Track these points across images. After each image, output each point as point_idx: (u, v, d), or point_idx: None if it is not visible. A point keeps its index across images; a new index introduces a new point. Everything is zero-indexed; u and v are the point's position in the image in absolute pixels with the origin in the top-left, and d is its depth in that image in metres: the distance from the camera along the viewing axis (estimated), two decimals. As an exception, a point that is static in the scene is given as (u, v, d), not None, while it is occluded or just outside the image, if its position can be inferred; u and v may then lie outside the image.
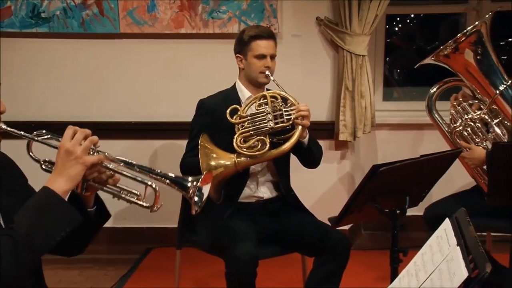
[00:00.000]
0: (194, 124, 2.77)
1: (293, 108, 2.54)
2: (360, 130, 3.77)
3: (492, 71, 2.87)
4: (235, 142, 2.51)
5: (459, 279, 1.26)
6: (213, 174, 2.48)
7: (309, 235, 2.62)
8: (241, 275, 2.41)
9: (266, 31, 2.69)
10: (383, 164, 2.19)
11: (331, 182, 3.95)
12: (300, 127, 2.54)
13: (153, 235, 3.91)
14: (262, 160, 2.57)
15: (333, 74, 3.85)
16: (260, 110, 2.56)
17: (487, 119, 2.89)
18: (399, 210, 2.29)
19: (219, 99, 2.76)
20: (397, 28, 4.83)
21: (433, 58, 2.93)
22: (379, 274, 3.39)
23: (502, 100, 2.85)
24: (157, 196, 1.66)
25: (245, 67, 2.71)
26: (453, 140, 2.96)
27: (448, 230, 1.51)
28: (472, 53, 2.86)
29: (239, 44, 2.73)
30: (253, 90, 2.74)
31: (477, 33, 2.85)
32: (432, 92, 3.05)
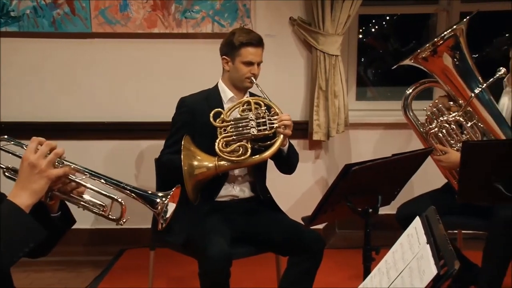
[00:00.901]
0: (175, 121, 2.76)
1: (276, 117, 2.57)
2: (333, 130, 3.79)
3: (468, 74, 2.91)
4: (217, 145, 2.52)
5: (428, 276, 1.27)
6: (194, 174, 2.50)
7: (283, 234, 2.63)
8: (214, 274, 2.40)
9: (256, 38, 2.70)
10: (356, 163, 2.20)
11: (305, 182, 3.96)
12: (282, 136, 2.57)
13: (127, 236, 3.88)
14: (243, 165, 2.60)
15: (307, 74, 3.86)
16: (243, 115, 2.58)
17: (462, 121, 2.92)
18: (371, 209, 2.31)
19: (200, 98, 2.76)
20: (373, 29, 4.87)
21: (412, 60, 2.96)
22: (353, 272, 3.42)
23: (477, 103, 2.89)
24: (124, 210, 1.64)
25: (231, 70, 2.72)
26: (428, 141, 2.99)
27: (419, 229, 1.53)
28: (449, 56, 2.90)
29: (227, 47, 2.72)
30: (235, 92, 2.76)
31: (455, 37, 2.88)
32: (408, 93, 3.08)
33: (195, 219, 2.63)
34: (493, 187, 2.33)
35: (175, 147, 2.60)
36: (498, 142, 2.70)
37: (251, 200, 2.78)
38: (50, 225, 1.64)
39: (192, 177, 2.49)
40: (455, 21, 3.91)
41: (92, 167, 1.71)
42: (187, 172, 2.47)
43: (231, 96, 2.74)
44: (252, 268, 3.24)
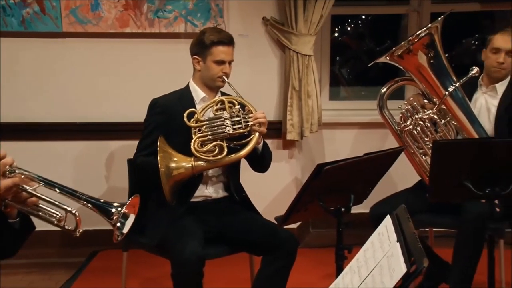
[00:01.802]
0: (147, 123, 2.74)
1: (251, 115, 2.56)
2: (307, 130, 3.81)
3: (442, 73, 2.96)
4: (193, 145, 2.52)
5: (398, 274, 1.29)
6: (172, 175, 2.49)
7: (256, 234, 2.63)
8: (187, 275, 2.40)
9: (227, 37, 2.69)
10: (328, 162, 2.22)
11: (279, 181, 3.97)
12: (257, 133, 2.57)
13: (99, 238, 3.83)
14: (219, 165, 2.59)
15: (280, 74, 3.88)
16: (218, 115, 2.57)
17: (436, 119, 2.96)
18: (344, 208, 2.33)
19: (172, 98, 2.75)
20: (348, 28, 4.91)
21: (388, 58, 2.99)
22: (327, 271, 3.43)
23: (450, 101, 2.93)
24: (78, 221, 1.61)
25: (202, 70, 2.71)
26: (403, 139, 3.02)
27: (389, 227, 1.54)
28: (424, 55, 2.94)
29: (198, 46, 2.71)
30: (207, 91, 2.75)
31: (429, 35, 2.92)
32: (383, 91, 3.11)
33: (169, 220, 2.61)
34: (463, 185, 2.36)
35: (149, 149, 2.58)
36: (467, 142, 2.74)
37: (225, 200, 2.77)
38: (9, 230, 1.61)
39: (169, 178, 2.48)
40: (426, 22, 3.97)
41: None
42: (164, 173, 2.46)
43: (203, 96, 2.73)
44: (226, 268, 3.23)
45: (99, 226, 3.83)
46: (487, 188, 2.35)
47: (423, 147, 2.96)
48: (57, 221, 1.63)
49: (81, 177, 3.79)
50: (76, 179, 3.77)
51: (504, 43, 2.98)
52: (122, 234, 1.63)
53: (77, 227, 1.61)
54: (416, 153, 2.98)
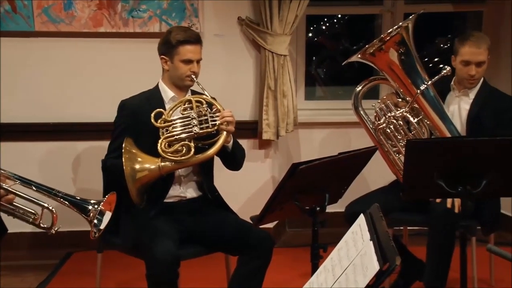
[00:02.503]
0: (117, 125, 2.72)
1: (218, 114, 2.56)
2: (283, 129, 3.82)
3: (414, 71, 2.98)
4: (160, 146, 2.50)
5: (371, 272, 1.30)
6: (137, 177, 2.47)
7: (232, 234, 2.63)
8: (162, 276, 2.39)
9: (194, 36, 2.68)
10: (302, 162, 2.23)
11: (255, 181, 3.97)
12: (225, 132, 2.56)
13: (73, 239, 3.80)
14: (187, 165, 2.58)
15: (256, 74, 3.88)
16: (185, 114, 2.56)
17: (409, 117, 2.99)
18: (319, 208, 2.34)
19: (141, 99, 2.73)
20: (323, 28, 4.94)
21: (360, 56, 3.01)
22: (302, 270, 3.45)
23: (422, 99, 2.96)
24: (55, 218, 1.60)
25: (170, 70, 2.70)
26: (377, 137, 3.05)
27: (363, 226, 1.56)
28: (396, 53, 2.96)
29: (165, 46, 2.69)
30: (177, 91, 2.73)
31: (401, 34, 2.95)
32: (358, 90, 3.13)
33: (143, 221, 2.60)
34: (436, 183, 2.39)
35: (118, 151, 2.56)
36: (440, 140, 2.77)
37: (199, 200, 2.77)
38: None
39: (135, 180, 2.46)
40: (399, 22, 3.97)
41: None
42: (129, 175, 2.44)
43: (172, 96, 2.72)
44: (202, 268, 3.23)
45: (73, 227, 3.81)
46: (459, 187, 2.38)
47: (397, 145, 2.99)
48: (33, 219, 1.61)
49: (48, 179, 3.71)
50: (43, 181, 3.72)
51: (473, 56, 2.97)
52: (99, 230, 1.63)
53: (53, 224, 1.60)
54: (390, 151, 3.01)
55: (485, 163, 2.36)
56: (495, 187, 2.42)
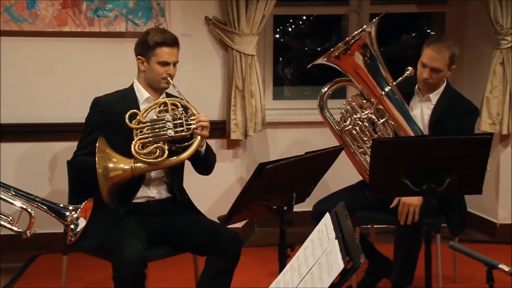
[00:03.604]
0: (89, 122, 2.69)
1: (194, 118, 2.55)
2: (251, 129, 3.82)
3: (378, 73, 3.01)
4: (133, 147, 2.49)
5: (336, 271, 1.31)
6: (109, 176, 2.46)
7: (199, 234, 2.63)
8: (129, 277, 2.37)
9: (171, 38, 2.67)
10: (269, 162, 2.23)
11: (223, 181, 3.96)
12: (199, 137, 2.55)
13: (39, 242, 3.73)
14: (160, 167, 2.57)
15: (224, 74, 3.87)
16: (160, 117, 2.55)
17: (374, 119, 3.02)
18: (286, 207, 2.35)
19: (116, 98, 2.71)
20: (291, 28, 4.96)
21: (325, 59, 3.03)
22: (271, 270, 3.45)
23: (387, 101, 3.00)
24: (32, 221, 1.59)
25: (146, 71, 2.68)
26: (343, 138, 3.07)
27: (328, 224, 1.57)
28: (361, 55, 2.99)
29: (142, 47, 2.68)
30: (152, 92, 2.72)
31: (365, 36, 2.97)
32: (324, 92, 3.15)
33: (110, 222, 2.57)
34: (401, 182, 2.43)
35: (89, 148, 2.53)
36: (405, 140, 2.81)
37: (168, 201, 2.75)
38: None
39: (107, 179, 2.45)
40: (365, 22, 4.05)
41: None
42: (102, 174, 2.42)
43: (147, 97, 2.70)
44: (170, 269, 3.22)
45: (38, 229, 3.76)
46: (424, 185, 2.42)
47: (363, 147, 3.02)
48: (9, 223, 1.59)
49: (23, 180, 3.67)
50: (18, 182, 3.64)
51: (430, 61, 2.96)
52: (75, 235, 1.62)
53: (29, 227, 1.58)
54: (356, 152, 3.04)
55: (449, 161, 2.41)
56: (459, 185, 2.47)
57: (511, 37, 3.64)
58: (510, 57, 3.67)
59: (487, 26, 3.75)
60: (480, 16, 3.87)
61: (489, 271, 1.82)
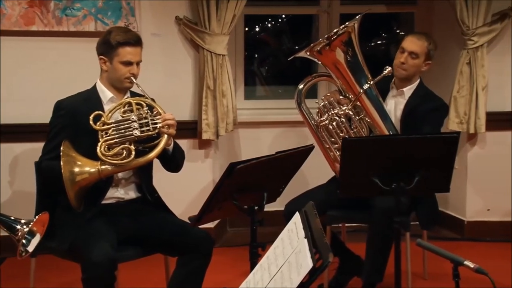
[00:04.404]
0: (53, 125, 2.66)
1: (159, 117, 2.53)
2: (222, 129, 3.81)
3: (358, 70, 3.04)
4: (99, 149, 2.46)
5: (304, 270, 1.32)
6: (76, 181, 2.43)
7: (170, 234, 2.61)
8: (98, 279, 2.35)
9: (134, 38, 2.64)
10: (240, 161, 2.24)
11: (195, 181, 3.95)
12: (166, 136, 2.53)
13: (6, 244, 3.67)
14: (127, 168, 2.54)
15: (195, 73, 3.86)
16: (125, 117, 2.52)
17: (351, 115, 3.05)
18: (257, 206, 2.36)
19: (79, 100, 2.67)
20: (266, 27, 4.97)
21: (307, 53, 3.05)
22: (243, 269, 3.44)
23: (365, 98, 3.02)
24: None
25: (109, 71, 2.65)
26: (319, 134, 3.09)
27: (298, 224, 1.58)
28: (342, 52, 3.01)
29: (104, 46, 2.64)
30: (115, 92, 2.69)
31: (347, 34, 3.00)
32: (301, 87, 3.16)
33: (79, 223, 2.55)
34: (371, 181, 2.45)
35: (54, 153, 2.50)
36: (374, 139, 2.84)
37: (138, 201, 2.73)
38: None
39: (74, 184, 2.42)
40: (335, 22, 4.09)
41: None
42: (68, 179, 2.39)
43: (110, 97, 2.67)
44: (140, 270, 3.19)
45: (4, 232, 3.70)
46: (393, 184, 2.45)
47: (338, 142, 3.04)
48: None
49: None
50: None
51: (409, 44, 3.09)
52: (27, 251, 1.58)
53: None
54: (331, 147, 3.06)
55: (418, 160, 2.45)
56: (428, 183, 2.51)
57: (477, 37, 3.71)
58: (477, 57, 3.74)
59: (454, 27, 3.82)
60: (447, 16, 3.93)
61: (455, 268, 1.85)
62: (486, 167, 3.95)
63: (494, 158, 3.95)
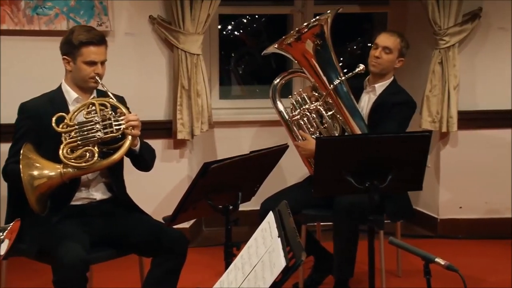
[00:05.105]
0: (18, 127, 2.61)
1: (123, 118, 2.50)
2: (197, 129, 3.80)
3: (329, 66, 3.06)
4: (62, 152, 2.41)
5: (278, 269, 1.32)
6: (35, 185, 2.37)
7: (145, 235, 2.59)
8: (69, 281, 2.32)
9: (97, 37, 2.59)
10: (214, 161, 2.24)
11: (170, 181, 3.94)
12: (130, 137, 2.50)
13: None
14: (91, 170, 2.50)
15: (169, 73, 3.84)
16: (88, 118, 2.48)
17: (322, 111, 3.07)
18: (232, 206, 2.36)
19: (43, 101, 2.63)
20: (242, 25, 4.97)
21: (276, 46, 3.06)
22: (218, 269, 3.44)
23: (335, 95, 3.04)
24: None
25: (73, 71, 2.61)
26: (292, 129, 3.10)
27: (272, 223, 1.58)
28: (313, 45, 3.02)
29: (67, 46, 2.60)
30: (80, 92, 2.65)
31: (319, 27, 3.01)
32: (276, 83, 3.18)
33: (50, 225, 2.51)
34: (345, 179, 2.47)
35: (19, 155, 2.45)
36: (347, 138, 2.87)
37: (110, 202, 2.70)
38: None
39: (34, 188, 2.36)
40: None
41: None
42: (27, 183, 2.34)
43: (75, 97, 2.63)
44: (115, 271, 3.17)
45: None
46: (366, 182, 2.47)
47: (310, 138, 3.06)
48: None
49: None
50: None
51: (383, 40, 3.15)
52: None
53: None
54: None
55: (391, 158, 2.47)
56: (401, 181, 2.54)
57: (448, 37, 3.76)
58: (448, 57, 3.79)
59: (426, 27, 3.86)
60: (419, 17, 3.97)
61: (426, 265, 1.88)
62: (458, 165, 4.01)
63: (466, 157, 4.01)
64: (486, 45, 3.95)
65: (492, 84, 3.99)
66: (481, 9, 3.82)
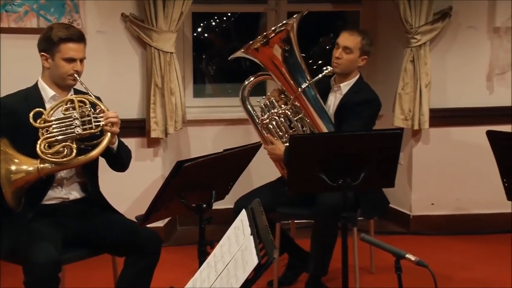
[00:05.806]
0: None
1: (102, 115, 2.49)
2: (171, 127, 3.79)
3: (296, 69, 3.06)
4: (39, 147, 2.39)
5: (250, 266, 1.32)
6: (12, 180, 2.36)
7: (117, 235, 2.58)
8: (41, 282, 2.30)
9: (77, 34, 2.58)
10: (188, 159, 2.23)
11: (143, 180, 3.91)
12: (109, 134, 2.49)
13: None
14: (69, 166, 2.49)
15: (142, 71, 3.81)
16: (67, 114, 2.46)
17: (290, 115, 3.07)
18: (205, 205, 2.36)
19: (19, 98, 2.60)
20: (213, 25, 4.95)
21: (243, 51, 3.05)
22: (192, 268, 3.42)
23: (303, 98, 3.05)
24: None
25: (51, 68, 2.58)
26: (261, 132, 3.11)
27: (244, 221, 1.58)
28: (280, 49, 3.03)
29: (45, 43, 2.57)
30: (58, 90, 2.62)
31: (286, 31, 3.02)
32: (245, 84, 3.18)
33: (21, 224, 2.48)
34: (318, 177, 2.49)
35: None
36: (320, 136, 2.88)
37: (83, 202, 2.68)
38: None
39: (10, 182, 2.35)
40: (283, 20, 4.10)
41: None
42: (4, 177, 2.33)
43: (52, 95, 2.61)
44: (87, 271, 3.14)
45: None
46: (340, 180, 2.49)
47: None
48: None
49: None
50: None
51: (343, 40, 3.13)
52: None
53: None
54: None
55: (363, 156, 2.49)
56: (373, 179, 2.56)
57: (420, 35, 3.80)
58: (420, 55, 3.83)
59: (398, 25, 3.90)
60: (391, 15, 4.01)
61: (397, 261, 1.90)
62: (430, 162, 4.06)
63: (438, 154, 4.06)
64: (456, 44, 4.00)
65: (463, 82, 4.05)
66: (451, 8, 3.87)
